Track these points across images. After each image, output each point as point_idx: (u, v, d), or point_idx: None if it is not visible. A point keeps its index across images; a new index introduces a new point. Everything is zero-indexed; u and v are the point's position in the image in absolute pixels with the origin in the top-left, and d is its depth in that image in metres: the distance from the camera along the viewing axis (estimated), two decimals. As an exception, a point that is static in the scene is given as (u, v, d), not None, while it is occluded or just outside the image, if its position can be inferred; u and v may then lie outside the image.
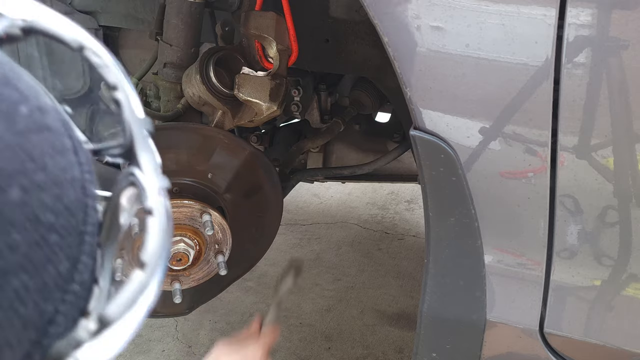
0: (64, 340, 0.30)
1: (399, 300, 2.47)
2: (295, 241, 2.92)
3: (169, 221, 0.34)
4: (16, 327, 0.28)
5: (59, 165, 0.32)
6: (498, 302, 1.02)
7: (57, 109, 0.35)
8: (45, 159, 0.31)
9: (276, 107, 1.26)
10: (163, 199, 0.35)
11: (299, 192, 3.29)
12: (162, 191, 0.35)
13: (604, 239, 0.92)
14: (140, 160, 0.36)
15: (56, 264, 0.30)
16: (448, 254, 1.01)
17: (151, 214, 0.34)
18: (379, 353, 2.19)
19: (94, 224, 0.34)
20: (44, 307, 0.30)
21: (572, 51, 0.80)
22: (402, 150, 1.65)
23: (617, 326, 0.97)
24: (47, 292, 0.30)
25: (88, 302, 0.33)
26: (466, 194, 0.94)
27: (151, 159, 0.36)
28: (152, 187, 0.35)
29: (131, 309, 0.31)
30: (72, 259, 0.32)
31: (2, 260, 0.27)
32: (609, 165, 0.86)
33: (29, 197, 0.29)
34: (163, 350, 2.23)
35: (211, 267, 1.34)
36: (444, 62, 0.88)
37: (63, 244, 0.31)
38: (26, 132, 0.30)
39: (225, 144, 1.31)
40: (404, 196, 3.30)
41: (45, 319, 0.30)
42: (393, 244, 2.89)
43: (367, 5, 0.88)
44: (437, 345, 1.09)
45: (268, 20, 1.23)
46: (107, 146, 0.37)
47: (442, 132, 0.92)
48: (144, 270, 0.32)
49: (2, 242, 0.28)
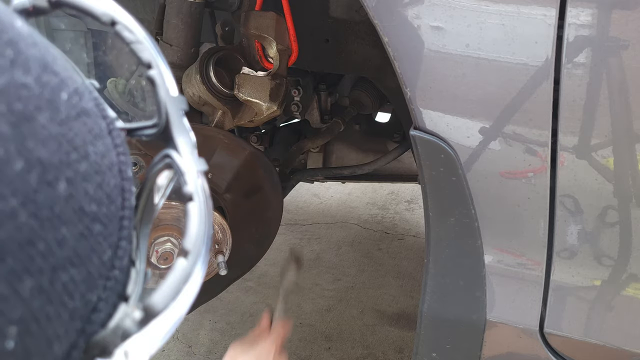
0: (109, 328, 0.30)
1: (399, 300, 2.47)
2: (295, 241, 2.92)
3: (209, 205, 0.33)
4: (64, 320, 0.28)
5: (99, 151, 0.31)
6: (498, 302, 1.02)
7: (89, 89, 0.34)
8: (87, 147, 0.30)
9: (276, 107, 1.26)
10: (202, 182, 0.34)
11: (299, 192, 3.29)
12: (200, 174, 0.34)
13: (604, 239, 0.92)
14: (177, 141, 0.35)
15: (100, 254, 0.30)
16: (448, 254, 1.01)
17: (191, 200, 0.33)
18: (379, 353, 2.19)
19: (130, 208, 0.33)
20: (89, 297, 0.29)
21: (572, 51, 0.80)
22: (402, 150, 1.65)
23: (617, 326, 0.97)
24: (91, 282, 0.29)
25: (126, 285, 0.33)
26: (466, 194, 0.94)
27: (187, 141, 0.35)
28: (191, 171, 0.34)
29: (176, 298, 0.30)
30: (113, 246, 0.31)
31: (52, 256, 0.27)
32: (609, 165, 0.86)
33: (75, 189, 0.29)
34: (163, 350, 2.23)
35: (211, 267, 1.34)
36: (444, 62, 0.88)
37: (106, 232, 0.30)
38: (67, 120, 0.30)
39: (225, 144, 1.31)
40: (404, 196, 3.30)
41: (89, 308, 0.30)
42: (393, 244, 2.89)
43: (367, 5, 0.88)
44: (437, 345, 1.09)
45: (268, 20, 1.23)
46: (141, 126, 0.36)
47: (442, 132, 0.92)
48: (187, 258, 0.31)
49: (52, 239, 0.27)
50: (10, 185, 0.26)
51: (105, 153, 0.32)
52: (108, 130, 0.33)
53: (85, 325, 0.29)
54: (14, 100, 0.27)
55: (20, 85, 0.28)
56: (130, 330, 0.30)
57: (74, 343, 0.29)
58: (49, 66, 0.30)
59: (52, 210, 0.27)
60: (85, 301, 0.29)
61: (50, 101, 0.29)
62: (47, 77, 0.30)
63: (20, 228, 0.26)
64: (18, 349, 0.26)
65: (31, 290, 0.26)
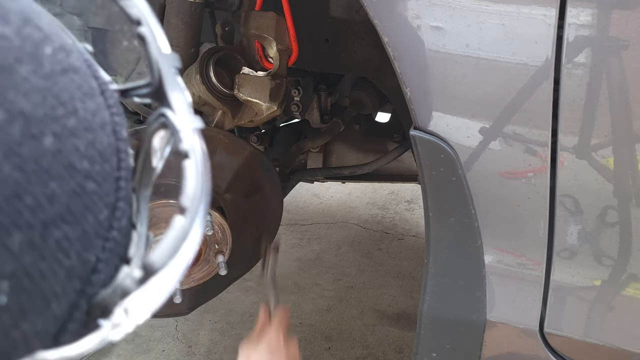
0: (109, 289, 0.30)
1: (399, 300, 2.47)
2: (295, 241, 2.92)
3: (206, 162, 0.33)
4: (60, 278, 0.28)
5: (89, 109, 0.30)
6: (498, 302, 1.02)
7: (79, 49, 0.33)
8: (75, 103, 0.30)
9: (276, 107, 1.26)
10: (198, 139, 0.33)
11: (299, 192, 3.29)
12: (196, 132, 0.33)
13: (604, 239, 0.92)
14: (171, 100, 0.34)
15: (95, 213, 0.30)
16: (448, 254, 1.01)
17: (187, 157, 0.32)
18: (379, 353, 2.19)
19: (127, 169, 0.33)
20: (86, 257, 0.29)
21: (572, 51, 0.80)
22: (402, 150, 1.65)
23: (617, 326, 0.97)
24: (88, 241, 0.29)
25: (127, 248, 0.33)
26: (466, 194, 0.94)
27: (182, 98, 0.34)
28: (186, 128, 0.33)
29: (175, 255, 0.30)
30: (110, 206, 0.31)
31: (42, 212, 0.27)
32: (609, 165, 0.86)
33: (63, 144, 0.28)
34: (163, 350, 2.23)
35: (211, 267, 1.34)
36: (444, 62, 0.88)
37: (100, 191, 0.30)
38: (52, 74, 0.29)
39: (225, 144, 1.31)
40: (404, 196, 3.30)
41: (88, 268, 0.29)
42: (393, 244, 2.89)
43: (367, 5, 0.88)
44: (437, 345, 1.09)
45: (268, 20, 1.23)
46: (134, 86, 0.35)
47: (442, 132, 0.92)
48: (184, 215, 0.31)
49: (41, 194, 0.27)
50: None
51: (97, 111, 0.31)
52: (100, 90, 0.32)
53: (85, 287, 0.29)
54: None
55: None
56: (129, 289, 0.29)
57: (74, 303, 0.29)
58: (31, 20, 0.29)
59: (38, 163, 0.27)
60: (82, 261, 0.29)
61: (32, 54, 0.28)
62: (29, 30, 0.29)
63: (4, 181, 0.25)
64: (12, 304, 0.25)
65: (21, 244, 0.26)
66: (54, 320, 0.28)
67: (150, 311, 0.29)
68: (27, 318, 0.26)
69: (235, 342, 2.25)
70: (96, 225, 0.30)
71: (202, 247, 1.28)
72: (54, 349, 0.27)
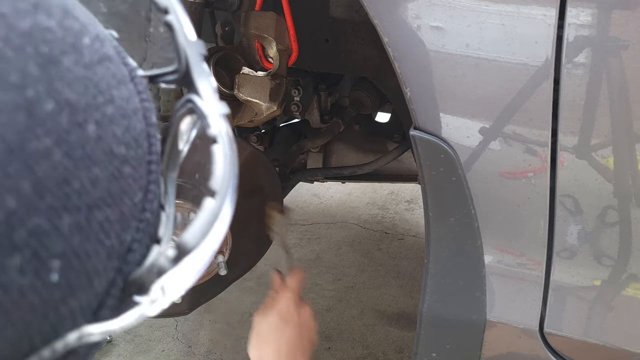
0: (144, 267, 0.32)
1: (399, 300, 2.47)
2: (295, 241, 2.92)
3: (233, 146, 0.34)
4: (102, 257, 0.30)
5: (123, 96, 0.32)
6: (498, 302, 1.02)
7: (109, 37, 0.34)
8: (112, 91, 0.31)
9: (276, 107, 1.26)
10: (225, 125, 0.34)
11: (299, 192, 3.29)
12: (223, 117, 0.35)
13: (604, 239, 0.92)
14: (198, 86, 0.35)
15: (131, 196, 0.31)
16: (448, 254, 1.01)
17: (215, 142, 0.33)
18: (379, 353, 2.19)
19: (157, 153, 0.34)
20: (123, 237, 0.31)
21: (572, 51, 0.80)
22: (402, 150, 1.65)
23: (617, 326, 0.97)
24: (125, 222, 0.31)
25: (157, 228, 0.34)
26: (466, 194, 0.94)
27: (208, 85, 0.36)
28: (213, 114, 0.34)
29: (207, 236, 0.31)
30: (143, 189, 0.32)
31: (87, 195, 0.28)
32: (609, 165, 0.86)
33: (103, 131, 0.30)
34: (163, 350, 2.23)
35: (211, 267, 1.34)
36: (444, 62, 0.88)
37: (135, 175, 0.32)
38: (91, 64, 0.30)
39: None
40: (404, 196, 3.30)
41: (124, 247, 0.31)
42: (393, 244, 2.89)
43: (367, 5, 0.88)
44: (437, 345, 1.09)
45: (268, 20, 1.23)
46: (161, 72, 0.37)
47: (442, 132, 0.92)
48: (214, 197, 0.32)
49: (86, 178, 0.28)
50: (43, 125, 0.27)
51: (129, 98, 0.33)
52: (130, 77, 0.34)
53: (122, 265, 0.31)
54: (40, 42, 0.28)
55: (44, 29, 0.28)
56: (164, 267, 0.31)
57: (112, 281, 0.31)
58: (70, 11, 0.31)
59: (84, 150, 0.28)
60: (120, 241, 0.31)
61: (73, 45, 0.30)
62: (70, 22, 0.30)
63: (55, 167, 0.27)
64: (62, 282, 0.27)
65: (70, 226, 0.28)
66: (95, 296, 0.30)
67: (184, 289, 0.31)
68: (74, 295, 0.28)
69: (235, 342, 2.25)
70: (132, 207, 0.31)
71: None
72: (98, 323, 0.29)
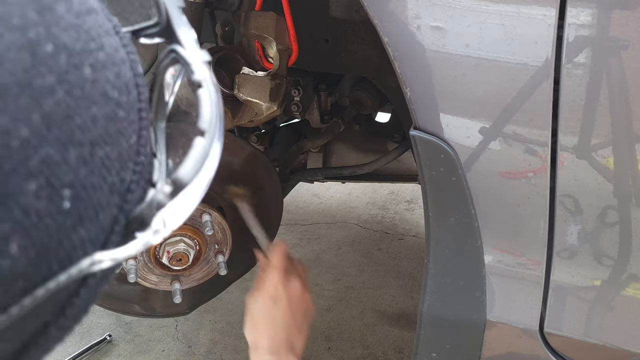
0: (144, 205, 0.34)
1: (399, 300, 2.47)
2: (295, 241, 2.92)
3: (218, 92, 0.36)
4: (105, 192, 0.32)
5: (111, 45, 0.34)
6: (498, 302, 1.02)
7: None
8: (102, 39, 0.33)
9: (276, 107, 1.26)
10: (208, 71, 0.36)
11: (299, 192, 3.29)
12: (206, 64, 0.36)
13: (604, 239, 0.92)
14: (180, 36, 0.37)
15: (127, 137, 0.33)
16: (448, 254, 1.01)
17: (200, 86, 0.35)
18: (379, 353, 2.19)
19: (146, 101, 0.36)
20: (123, 175, 0.33)
21: (572, 51, 0.80)
22: (402, 150, 1.65)
23: (617, 326, 0.97)
24: (123, 162, 0.33)
25: (152, 173, 0.36)
26: (466, 194, 0.94)
27: (189, 34, 0.37)
28: (196, 61, 0.36)
29: (200, 172, 0.34)
30: (136, 133, 0.34)
31: (89, 132, 0.30)
32: (609, 165, 0.86)
33: (98, 74, 0.32)
34: (163, 350, 2.23)
35: (211, 267, 1.34)
36: (444, 62, 0.88)
37: (129, 119, 0.34)
38: (81, 13, 0.32)
39: (225, 144, 1.31)
40: (404, 196, 3.30)
41: (124, 186, 0.33)
42: (393, 244, 2.89)
43: (367, 5, 0.88)
44: (437, 345, 1.09)
45: (268, 20, 1.23)
46: (143, 26, 0.38)
47: (442, 132, 0.92)
48: (204, 136, 0.34)
49: (86, 116, 0.30)
50: (45, 64, 0.29)
51: (117, 48, 0.35)
52: (115, 31, 0.36)
53: (123, 204, 0.33)
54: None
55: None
56: (163, 202, 0.33)
57: (115, 218, 0.33)
58: None
59: (82, 90, 0.30)
60: (120, 178, 0.33)
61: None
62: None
63: (59, 103, 0.29)
64: (73, 210, 0.30)
65: (77, 159, 0.30)
66: (102, 230, 0.32)
67: (182, 219, 0.34)
68: (83, 224, 0.31)
69: (235, 342, 2.25)
70: (128, 149, 0.34)
71: (202, 247, 1.28)
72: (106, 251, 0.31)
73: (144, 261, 1.27)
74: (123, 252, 0.31)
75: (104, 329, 2.31)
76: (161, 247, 1.25)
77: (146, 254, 1.26)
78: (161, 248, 1.25)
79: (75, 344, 2.22)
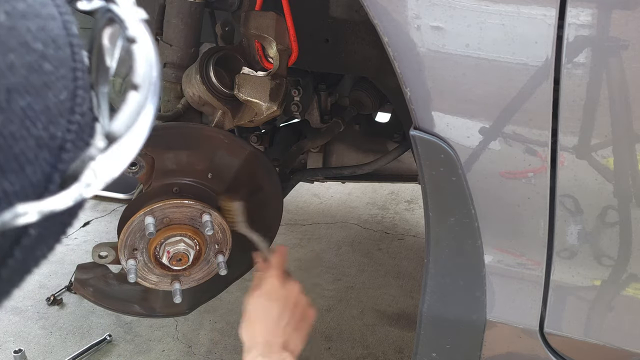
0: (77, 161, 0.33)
1: (399, 300, 2.47)
2: (295, 241, 2.92)
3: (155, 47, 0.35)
4: (30, 144, 0.30)
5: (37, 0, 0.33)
6: (498, 302, 1.02)
7: None
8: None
9: (276, 107, 1.26)
10: (144, 27, 0.36)
11: (299, 192, 3.29)
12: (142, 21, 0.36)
13: (604, 239, 0.92)
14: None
15: (55, 92, 0.32)
16: (448, 254, 1.01)
17: (134, 42, 0.35)
18: (379, 353, 2.19)
19: (82, 62, 0.35)
20: (52, 131, 0.32)
21: (572, 51, 0.81)
22: (402, 150, 1.65)
23: (617, 326, 0.97)
24: (52, 116, 0.32)
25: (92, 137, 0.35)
26: (466, 194, 0.94)
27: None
28: (131, 17, 0.35)
29: (134, 125, 0.33)
30: (69, 91, 0.33)
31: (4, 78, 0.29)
32: (609, 165, 0.86)
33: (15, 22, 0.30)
34: (163, 350, 2.23)
35: (211, 267, 1.34)
36: (444, 62, 0.88)
37: (57, 74, 0.33)
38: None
39: (225, 144, 1.31)
40: (404, 196, 3.30)
41: (56, 143, 0.32)
42: (393, 244, 2.89)
43: (367, 5, 0.88)
44: (437, 345, 1.09)
45: (268, 20, 1.23)
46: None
47: (442, 132, 0.92)
48: (138, 91, 0.34)
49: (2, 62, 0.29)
50: None
51: (45, 4, 0.34)
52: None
53: (57, 162, 0.32)
54: None
55: None
56: (94, 155, 0.32)
57: (48, 176, 0.32)
58: None
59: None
60: (49, 134, 0.32)
61: None
62: None
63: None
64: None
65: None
66: (31, 186, 0.31)
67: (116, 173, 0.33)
68: (5, 176, 0.29)
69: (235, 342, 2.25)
70: (58, 104, 0.32)
71: (202, 247, 1.28)
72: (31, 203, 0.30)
73: (144, 261, 1.27)
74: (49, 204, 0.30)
75: (104, 329, 2.31)
76: (161, 247, 1.25)
77: (146, 254, 1.26)
78: (161, 248, 1.25)
79: (75, 344, 2.22)
